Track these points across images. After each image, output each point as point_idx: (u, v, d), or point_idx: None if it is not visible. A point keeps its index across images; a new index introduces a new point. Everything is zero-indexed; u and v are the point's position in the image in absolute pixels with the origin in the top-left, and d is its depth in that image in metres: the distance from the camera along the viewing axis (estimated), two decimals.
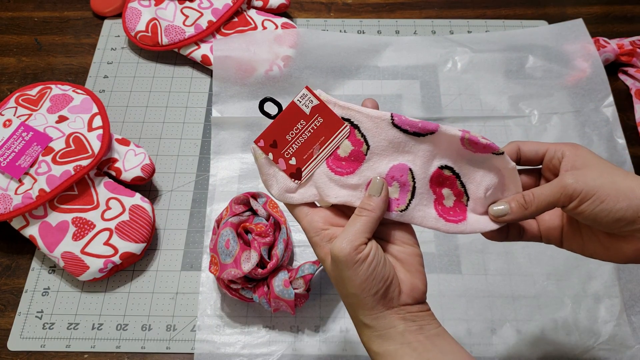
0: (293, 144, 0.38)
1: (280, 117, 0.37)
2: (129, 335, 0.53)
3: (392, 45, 0.70)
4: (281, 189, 0.38)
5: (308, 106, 0.37)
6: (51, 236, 0.54)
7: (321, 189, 0.37)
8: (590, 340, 0.52)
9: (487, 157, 0.38)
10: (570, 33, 0.69)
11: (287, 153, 0.38)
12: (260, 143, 0.38)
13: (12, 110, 0.59)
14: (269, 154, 0.38)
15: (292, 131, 0.37)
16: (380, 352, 0.35)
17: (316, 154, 0.38)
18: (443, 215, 0.38)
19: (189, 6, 0.70)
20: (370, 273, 0.34)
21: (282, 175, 0.38)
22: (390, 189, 0.37)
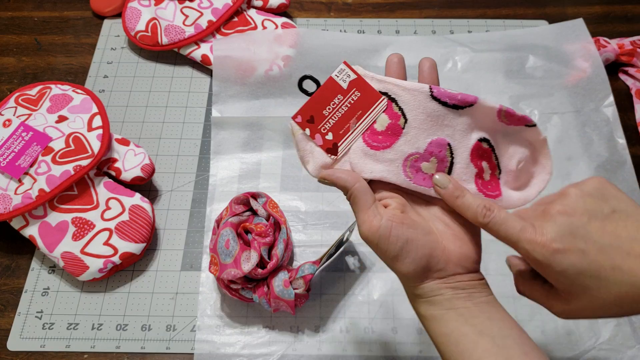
0: (330, 119, 0.37)
1: (318, 92, 0.37)
2: (128, 335, 0.53)
3: (392, 45, 0.70)
4: (317, 164, 0.37)
5: (345, 81, 0.37)
6: (51, 236, 0.54)
7: (355, 165, 0.37)
8: (590, 340, 0.52)
9: (520, 129, 0.38)
10: (571, 33, 0.69)
11: (324, 128, 0.37)
12: (297, 119, 0.38)
13: (11, 110, 0.59)
14: (306, 129, 0.37)
15: (329, 106, 0.37)
16: (427, 316, 0.36)
17: (353, 129, 0.37)
18: (482, 190, 0.38)
19: (189, 6, 0.69)
20: (399, 250, 0.34)
21: (319, 150, 0.37)
22: (429, 165, 0.37)
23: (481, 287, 0.36)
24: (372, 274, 0.56)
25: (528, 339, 0.34)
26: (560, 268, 0.32)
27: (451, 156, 0.37)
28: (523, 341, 0.34)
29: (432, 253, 0.35)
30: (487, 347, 0.33)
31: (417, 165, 0.37)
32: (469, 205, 0.35)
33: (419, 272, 0.35)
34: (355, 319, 0.54)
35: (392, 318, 0.54)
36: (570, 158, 0.62)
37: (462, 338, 0.34)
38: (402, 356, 0.52)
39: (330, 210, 0.60)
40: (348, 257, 0.57)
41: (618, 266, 0.31)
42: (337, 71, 0.37)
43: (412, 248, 0.35)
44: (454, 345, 0.34)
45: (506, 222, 0.34)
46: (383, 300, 0.54)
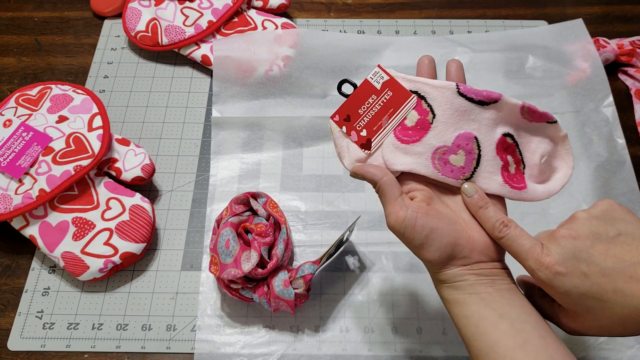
0: (364, 117, 0.41)
1: (354, 93, 0.41)
2: (129, 335, 0.53)
3: (392, 46, 0.70)
4: (353, 159, 0.41)
5: (379, 82, 0.41)
6: (51, 236, 0.54)
7: (387, 158, 0.40)
8: (590, 340, 0.52)
9: (542, 125, 0.40)
10: (570, 33, 0.69)
11: (359, 126, 0.41)
12: (335, 118, 0.41)
13: (12, 110, 0.59)
14: (342, 127, 0.41)
15: (364, 105, 0.41)
16: (450, 300, 0.37)
17: (385, 125, 0.40)
18: (508, 182, 0.40)
19: (189, 6, 0.70)
20: (424, 239, 0.37)
21: (354, 146, 0.41)
22: (457, 157, 0.39)
23: (503, 275, 0.38)
24: (372, 274, 0.56)
25: (545, 325, 0.35)
26: (563, 290, 0.33)
27: (478, 149, 0.39)
28: (541, 326, 0.35)
29: (457, 241, 0.37)
30: (506, 329, 0.34)
31: (445, 158, 0.39)
32: (489, 218, 0.38)
33: (444, 259, 0.37)
34: (355, 318, 0.54)
35: (392, 318, 0.54)
36: None
37: (483, 320, 0.35)
38: (402, 356, 0.52)
39: (330, 210, 0.60)
40: (348, 257, 0.57)
41: (620, 289, 0.32)
42: (372, 74, 0.41)
43: (436, 237, 0.37)
44: (474, 327, 0.36)
45: (518, 239, 0.36)
46: (383, 300, 0.54)
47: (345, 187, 0.61)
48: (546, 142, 0.41)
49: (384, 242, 0.58)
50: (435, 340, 0.52)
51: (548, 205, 0.59)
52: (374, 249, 0.57)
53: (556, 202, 0.59)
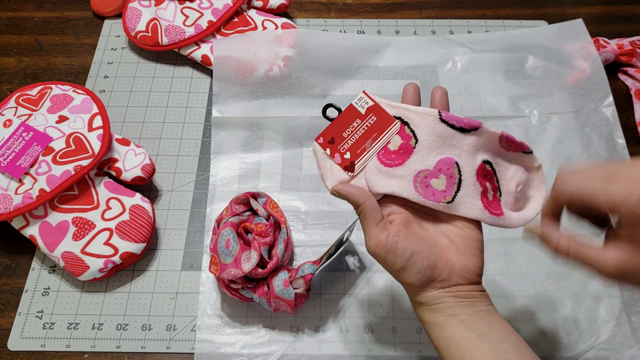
0: (348, 140, 0.42)
1: (339, 117, 0.42)
2: (129, 335, 0.53)
3: (392, 46, 0.70)
4: (335, 180, 0.41)
5: (364, 107, 0.42)
6: (51, 236, 0.54)
7: (370, 180, 0.40)
8: (590, 340, 0.52)
9: (518, 155, 0.42)
10: (570, 33, 0.69)
11: (343, 148, 0.42)
12: (319, 140, 0.42)
13: (12, 110, 0.59)
14: (327, 149, 0.42)
15: (348, 129, 0.42)
16: (430, 322, 0.38)
17: (369, 149, 0.41)
18: (487, 208, 0.40)
19: (189, 6, 0.70)
20: (405, 262, 0.37)
21: (337, 168, 0.41)
22: (438, 181, 0.40)
23: (482, 297, 0.38)
24: (372, 273, 0.56)
25: (524, 344, 0.37)
26: None
27: (459, 174, 0.40)
28: (519, 345, 0.36)
29: (436, 264, 0.38)
30: (486, 349, 0.35)
31: (427, 182, 0.40)
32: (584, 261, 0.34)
33: (424, 281, 0.38)
34: (355, 318, 0.54)
35: (392, 318, 0.54)
36: (570, 158, 0.62)
37: (463, 341, 0.36)
38: (402, 356, 0.52)
39: (330, 210, 0.60)
40: (348, 257, 0.57)
41: None
42: (357, 99, 0.42)
43: (417, 260, 0.37)
44: (454, 348, 0.36)
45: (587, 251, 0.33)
46: (383, 300, 0.55)
47: None
48: (522, 171, 0.42)
49: None
50: None
51: None
52: None
53: None
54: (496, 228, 0.53)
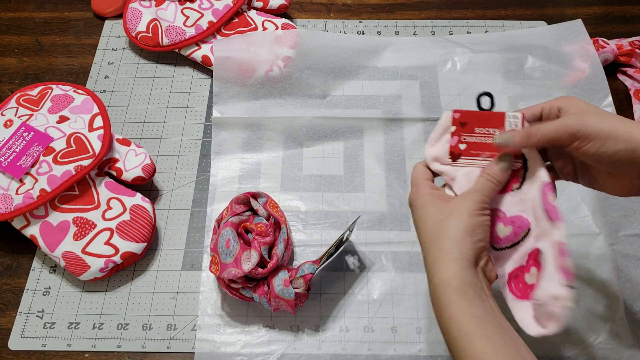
0: (475, 136, 0.42)
1: (486, 113, 0.42)
2: (129, 334, 0.53)
3: (391, 46, 0.71)
4: (434, 153, 0.43)
5: (511, 124, 0.41)
6: (52, 236, 0.54)
7: (455, 181, 0.41)
8: (589, 339, 0.52)
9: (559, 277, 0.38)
10: (570, 34, 0.69)
11: (464, 138, 0.42)
12: (456, 115, 0.42)
13: (13, 110, 0.59)
14: (454, 126, 0.42)
15: (483, 129, 0.41)
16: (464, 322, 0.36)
17: (482, 158, 0.41)
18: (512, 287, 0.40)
19: (190, 7, 0.70)
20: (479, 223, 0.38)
21: (446, 147, 0.42)
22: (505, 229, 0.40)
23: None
24: (372, 273, 0.56)
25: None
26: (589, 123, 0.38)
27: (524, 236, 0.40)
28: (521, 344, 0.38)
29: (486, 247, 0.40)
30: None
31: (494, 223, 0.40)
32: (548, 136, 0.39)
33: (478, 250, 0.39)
34: (355, 318, 0.54)
35: (392, 317, 0.54)
36: None
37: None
38: (402, 355, 0.52)
39: (330, 210, 0.60)
40: (348, 256, 0.57)
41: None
42: (512, 114, 0.41)
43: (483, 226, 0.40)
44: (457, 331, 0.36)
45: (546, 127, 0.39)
46: (383, 299, 0.55)
47: (345, 187, 0.61)
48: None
49: (384, 242, 0.58)
50: (434, 339, 0.52)
51: None
52: (374, 249, 0.57)
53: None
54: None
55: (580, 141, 0.38)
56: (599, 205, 0.59)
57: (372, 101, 0.67)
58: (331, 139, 0.65)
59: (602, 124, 0.37)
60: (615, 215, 0.58)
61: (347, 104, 0.67)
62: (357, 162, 0.63)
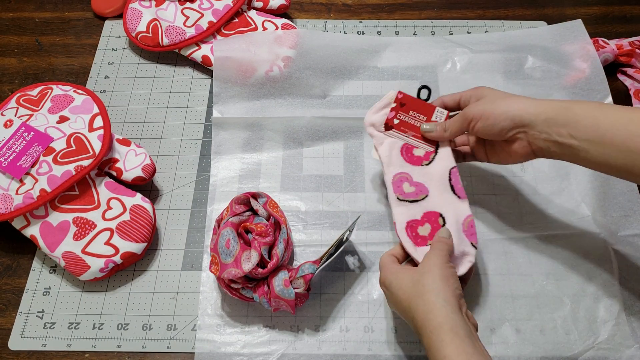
0: (408, 117, 0.55)
1: (421, 102, 0.55)
2: (129, 334, 0.53)
3: (391, 46, 0.71)
4: (373, 119, 0.55)
5: (437, 117, 0.54)
6: (52, 236, 0.54)
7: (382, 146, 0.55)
8: (589, 340, 0.52)
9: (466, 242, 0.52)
10: (570, 34, 0.69)
11: (399, 115, 0.55)
12: (399, 96, 0.55)
13: (13, 110, 0.59)
14: (395, 103, 0.55)
15: (416, 113, 0.55)
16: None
17: (407, 135, 0.55)
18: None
19: (190, 7, 0.70)
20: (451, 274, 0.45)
21: (384, 118, 0.55)
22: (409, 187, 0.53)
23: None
24: (372, 273, 0.56)
25: None
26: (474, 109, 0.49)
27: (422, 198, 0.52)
28: None
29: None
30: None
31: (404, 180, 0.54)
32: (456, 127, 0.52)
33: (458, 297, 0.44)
34: (355, 318, 0.54)
35: (391, 317, 0.54)
36: None
37: None
38: (402, 355, 0.52)
39: (330, 210, 0.60)
40: (348, 256, 0.57)
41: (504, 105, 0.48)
42: (440, 110, 0.54)
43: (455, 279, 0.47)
44: None
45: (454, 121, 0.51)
46: (383, 299, 0.55)
47: (345, 187, 0.61)
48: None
49: (384, 242, 0.58)
50: None
51: (547, 206, 0.59)
52: (374, 249, 0.57)
53: (555, 202, 0.59)
54: (496, 227, 0.59)
55: (473, 122, 0.49)
56: (598, 205, 0.59)
57: (372, 101, 0.67)
58: (331, 139, 0.65)
59: (488, 105, 0.48)
60: (615, 215, 0.58)
61: (347, 104, 0.67)
62: (357, 162, 0.63)
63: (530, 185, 0.61)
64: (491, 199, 0.60)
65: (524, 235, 0.58)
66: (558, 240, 0.57)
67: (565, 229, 0.58)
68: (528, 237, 0.58)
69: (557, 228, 0.58)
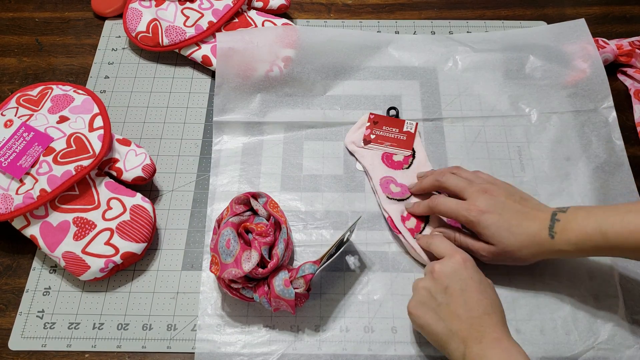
0: (382, 131, 0.63)
1: (393, 119, 0.64)
2: (129, 334, 0.53)
3: (393, 43, 0.71)
4: (353, 138, 0.63)
5: (408, 127, 0.63)
6: (52, 236, 0.54)
7: (364, 158, 0.62)
8: (589, 340, 0.52)
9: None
10: (572, 33, 0.69)
11: (375, 131, 0.63)
12: (371, 116, 0.64)
13: (13, 110, 0.59)
14: (369, 122, 0.63)
15: (389, 127, 0.63)
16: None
17: (384, 145, 0.62)
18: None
19: (190, 7, 0.70)
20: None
21: (361, 135, 0.63)
22: (395, 188, 0.60)
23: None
24: (372, 273, 0.56)
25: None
26: (486, 224, 0.50)
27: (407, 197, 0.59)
28: None
29: None
30: None
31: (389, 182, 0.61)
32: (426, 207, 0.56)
33: None
34: (355, 318, 0.54)
35: (392, 318, 0.54)
36: (569, 158, 0.62)
37: None
38: (402, 355, 0.52)
39: (330, 210, 0.60)
40: (348, 256, 0.57)
41: (520, 224, 0.49)
42: (409, 122, 0.63)
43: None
44: None
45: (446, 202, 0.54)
46: (383, 300, 0.55)
47: (345, 187, 0.61)
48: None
49: (384, 242, 0.58)
50: None
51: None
52: (374, 249, 0.57)
53: (555, 202, 0.59)
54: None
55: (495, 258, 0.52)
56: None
57: (372, 101, 0.67)
58: (331, 139, 0.65)
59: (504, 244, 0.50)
60: None
61: (347, 103, 0.67)
62: (357, 162, 0.63)
63: (530, 186, 0.61)
64: None
65: None
66: None
67: None
68: None
69: None
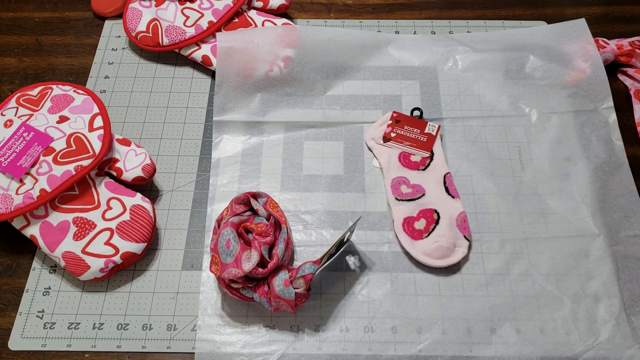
0: (403, 130, 0.63)
1: (415, 119, 0.64)
2: (129, 334, 0.53)
3: (394, 43, 0.71)
4: (374, 134, 0.64)
5: (430, 129, 0.63)
6: (52, 236, 0.54)
7: (382, 155, 0.62)
8: (589, 340, 0.52)
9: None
10: (572, 33, 0.69)
11: (396, 130, 0.63)
12: (395, 114, 0.64)
13: (13, 110, 0.59)
14: (392, 120, 0.64)
15: (411, 127, 0.63)
16: None
17: (403, 144, 0.62)
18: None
19: (190, 7, 0.70)
20: None
21: (382, 131, 0.63)
22: (407, 189, 0.60)
23: None
24: (372, 273, 0.56)
25: None
26: None
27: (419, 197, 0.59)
28: None
29: None
30: None
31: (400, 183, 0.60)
32: None
33: None
34: (355, 318, 0.54)
35: (392, 317, 0.54)
36: (569, 158, 0.63)
37: None
38: (402, 355, 0.52)
39: (330, 210, 0.60)
40: (348, 256, 0.57)
41: None
42: (432, 123, 0.63)
43: None
44: None
45: None
46: (383, 299, 0.55)
47: (345, 187, 0.61)
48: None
49: (384, 242, 0.58)
50: (435, 339, 0.52)
51: (547, 206, 0.59)
52: (374, 249, 0.57)
53: (555, 202, 0.59)
54: (496, 227, 0.60)
55: None
56: (598, 206, 0.59)
57: (372, 101, 0.67)
58: (331, 139, 0.65)
59: None
60: (615, 216, 0.58)
61: (347, 103, 0.67)
62: (357, 162, 0.63)
63: (530, 186, 0.61)
64: (491, 198, 0.60)
65: (524, 235, 0.58)
66: (558, 240, 0.57)
67: (565, 229, 0.58)
68: (528, 237, 0.58)
69: (557, 228, 0.58)
